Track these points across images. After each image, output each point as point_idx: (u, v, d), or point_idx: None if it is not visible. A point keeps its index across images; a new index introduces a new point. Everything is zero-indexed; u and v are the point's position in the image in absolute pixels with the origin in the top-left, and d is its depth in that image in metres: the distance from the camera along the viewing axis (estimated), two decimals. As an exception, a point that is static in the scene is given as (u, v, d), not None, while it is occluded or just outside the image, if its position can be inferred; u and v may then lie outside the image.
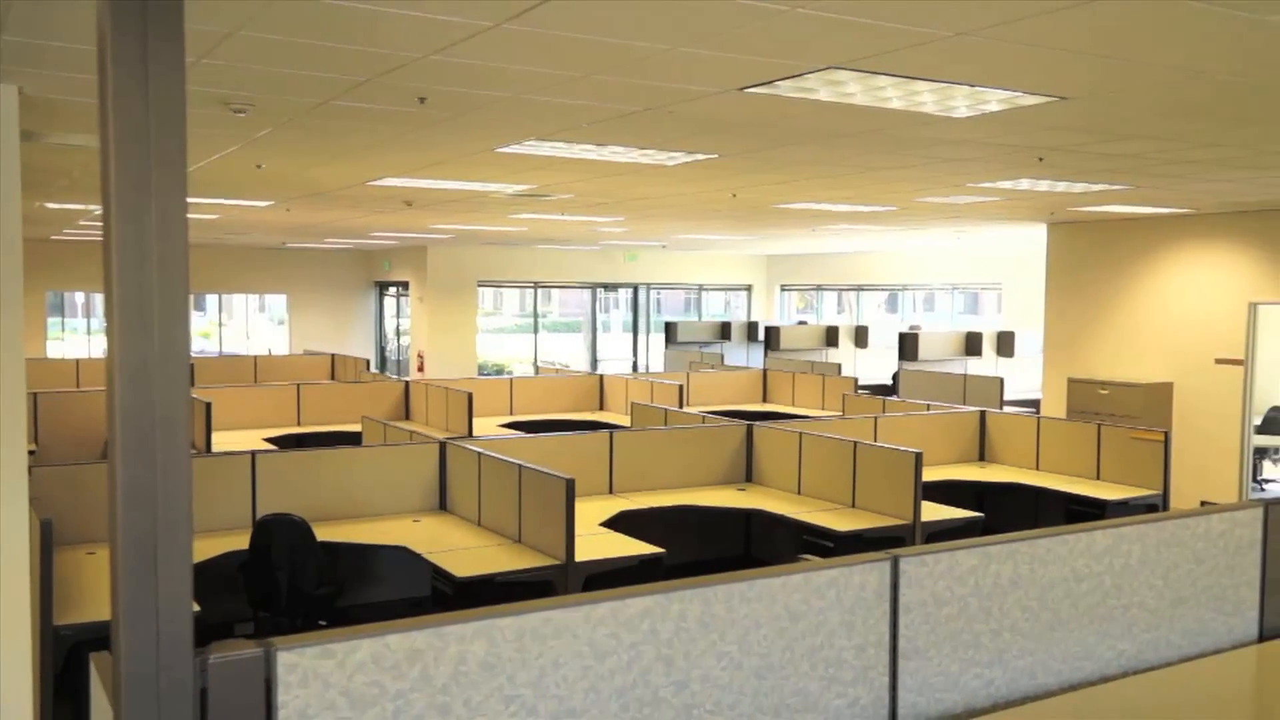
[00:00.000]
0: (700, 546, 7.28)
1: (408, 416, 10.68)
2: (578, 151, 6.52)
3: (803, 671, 2.30)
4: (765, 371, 12.86)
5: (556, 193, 9.25)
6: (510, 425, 10.34)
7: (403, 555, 5.71)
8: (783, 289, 22.27)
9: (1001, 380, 11.35)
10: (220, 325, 21.65)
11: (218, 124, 5.61)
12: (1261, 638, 3.09)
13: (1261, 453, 11.50)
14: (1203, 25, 3.52)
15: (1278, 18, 3.41)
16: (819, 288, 21.41)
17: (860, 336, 17.86)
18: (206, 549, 5.39)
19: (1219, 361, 10.47)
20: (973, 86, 4.53)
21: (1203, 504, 8.89)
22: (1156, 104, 4.95)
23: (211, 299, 21.65)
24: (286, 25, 3.66)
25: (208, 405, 8.23)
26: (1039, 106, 4.92)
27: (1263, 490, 11.44)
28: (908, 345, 14.87)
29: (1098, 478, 7.60)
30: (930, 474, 7.06)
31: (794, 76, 4.31)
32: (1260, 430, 11.39)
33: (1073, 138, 5.90)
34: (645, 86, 4.56)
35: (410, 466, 6.47)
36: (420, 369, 19.05)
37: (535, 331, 21.15)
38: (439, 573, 5.25)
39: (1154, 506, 7.13)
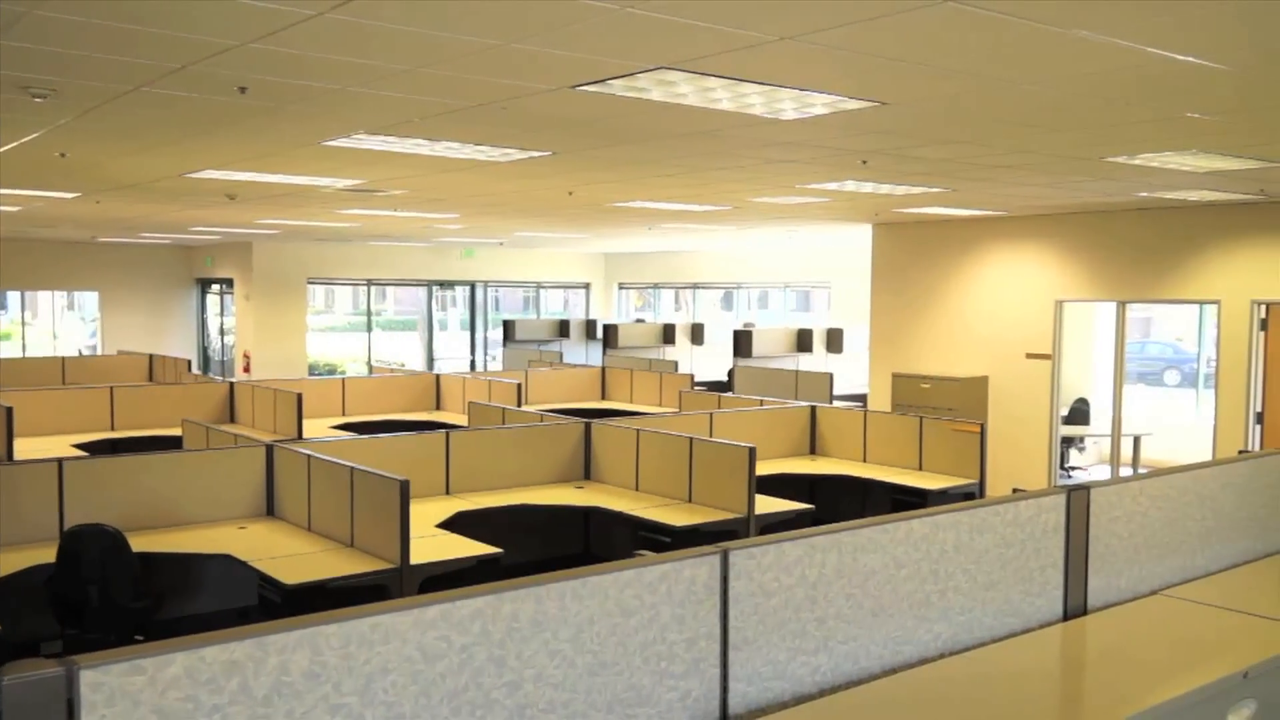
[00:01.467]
0: (540, 546, 7.25)
1: (233, 419, 10.27)
2: (409, 146, 6.40)
3: (635, 666, 2.31)
4: (604, 369, 12.92)
5: (389, 188, 9.05)
6: (343, 426, 10.07)
7: (227, 564, 5.48)
8: (621, 287, 22.44)
9: (831, 376, 11.71)
10: (24, 325, 20.32)
11: (15, 109, 5.25)
12: (1065, 616, 3.29)
13: (1068, 441, 12.26)
14: (1010, 37, 3.72)
15: (1079, 31, 3.63)
16: (656, 286, 21.67)
17: (697, 334, 18.18)
18: (7, 563, 5.04)
19: (1029, 356, 11.10)
20: (799, 90, 4.66)
21: (1014, 491, 9.40)
22: (967, 111, 5.20)
23: (14, 296, 20.28)
24: (89, 6, 3.45)
25: (8, 410, 7.71)
26: (861, 111, 5.09)
27: (1069, 477, 12.17)
28: (742, 342, 15.21)
29: (920, 468, 7.93)
30: (764, 468, 7.23)
31: (625, 76, 4.34)
32: (1067, 420, 12.16)
33: (893, 141, 6.15)
34: (475, 82, 4.51)
35: (235, 471, 6.21)
36: (246, 370, 18.34)
37: (369, 330, 20.67)
38: (266, 581, 5.05)
39: (971, 495, 7.47)
